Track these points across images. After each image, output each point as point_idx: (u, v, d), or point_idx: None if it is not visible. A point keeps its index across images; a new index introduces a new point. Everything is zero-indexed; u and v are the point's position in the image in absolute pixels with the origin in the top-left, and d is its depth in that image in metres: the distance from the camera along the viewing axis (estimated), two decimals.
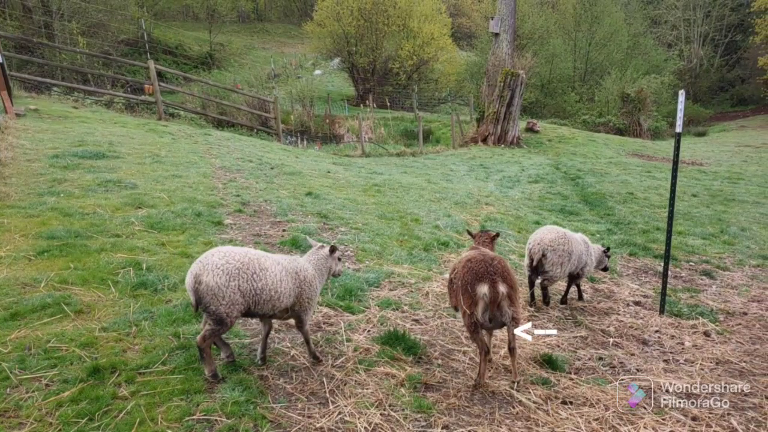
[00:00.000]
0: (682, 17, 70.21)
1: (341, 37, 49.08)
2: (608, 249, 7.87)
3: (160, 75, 24.76)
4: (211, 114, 25.39)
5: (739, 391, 5.11)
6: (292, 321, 4.96)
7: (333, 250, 4.92)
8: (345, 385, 4.56)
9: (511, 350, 4.89)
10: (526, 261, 7.05)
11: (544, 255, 6.76)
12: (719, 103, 70.83)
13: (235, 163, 12.91)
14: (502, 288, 4.61)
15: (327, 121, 35.82)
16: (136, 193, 8.75)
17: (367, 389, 4.52)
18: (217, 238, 7.44)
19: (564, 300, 7.44)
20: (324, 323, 5.65)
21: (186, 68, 47.72)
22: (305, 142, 29.34)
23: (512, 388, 4.83)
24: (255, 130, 24.93)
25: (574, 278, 7.35)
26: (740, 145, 36.14)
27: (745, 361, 5.87)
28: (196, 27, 61.91)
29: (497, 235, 5.91)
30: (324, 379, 4.60)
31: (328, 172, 14.43)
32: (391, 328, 5.63)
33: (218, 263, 4.12)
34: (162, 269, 6.15)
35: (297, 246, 7.48)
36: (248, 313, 4.35)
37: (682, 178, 20.00)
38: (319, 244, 5.00)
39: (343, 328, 5.47)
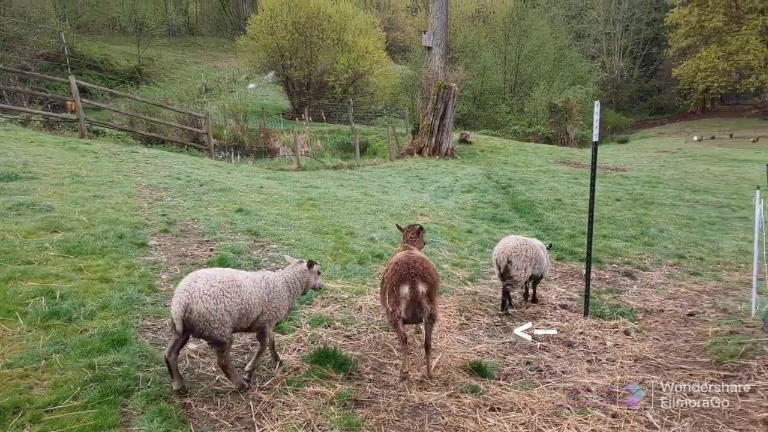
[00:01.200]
0: (603, 31, 73.57)
1: (275, 51, 48.79)
2: (550, 246, 8.54)
3: (84, 91, 23.91)
4: (140, 131, 24.67)
5: (655, 385, 5.35)
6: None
7: (311, 264, 5.15)
8: (272, 407, 4.49)
9: (427, 348, 5.36)
10: (495, 269, 7.55)
11: (509, 261, 7.28)
12: (639, 112, 74.47)
13: (162, 181, 12.56)
14: (421, 287, 5.10)
15: (261, 135, 35.45)
16: (51, 216, 8.29)
17: (295, 410, 4.47)
18: (140, 260, 7.19)
19: (534, 299, 8.10)
20: (252, 345, 5.56)
21: (113, 83, 46.27)
22: (239, 157, 28.92)
23: (425, 379, 5.26)
24: (186, 147, 24.38)
25: (537, 280, 8.06)
26: (658, 151, 38.03)
27: (660, 357, 6.16)
28: (123, 41, 60.11)
29: (421, 228, 6.44)
30: (251, 403, 4.51)
31: (261, 187, 14.25)
32: (322, 346, 5.60)
33: (204, 289, 4.27)
34: (78, 296, 5.83)
35: (225, 266, 7.30)
36: (233, 329, 4.55)
37: (607, 183, 20.85)
38: (297, 260, 5.23)
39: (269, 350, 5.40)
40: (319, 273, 5.28)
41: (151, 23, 58.77)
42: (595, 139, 7.28)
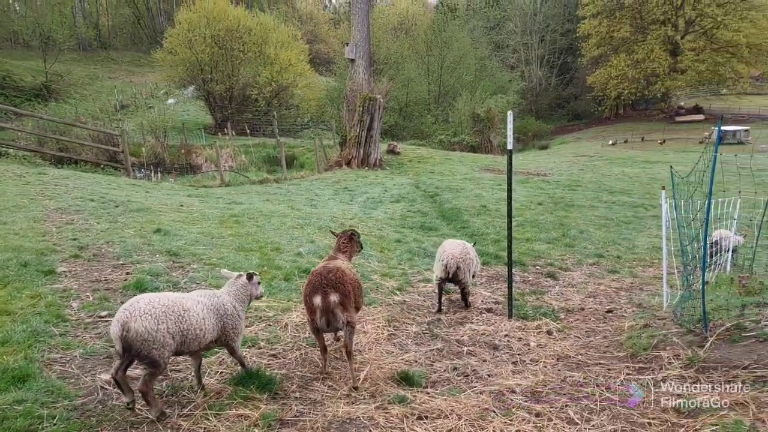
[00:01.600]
0: (521, 41, 76.39)
1: (195, 65, 47.76)
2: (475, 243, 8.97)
3: None
4: (49, 151, 23.46)
5: (575, 382, 5.51)
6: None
7: (250, 276, 5.20)
8: None
9: (348, 354, 5.44)
10: (439, 274, 7.86)
11: (458, 267, 7.77)
12: (558, 119, 77.63)
13: (73, 203, 11.94)
14: (333, 297, 5.26)
15: (183, 151, 34.51)
16: None
17: None
18: (47, 289, 6.76)
19: (467, 300, 8.31)
20: (171, 370, 5.33)
21: (17, 101, 43.90)
22: (159, 175, 28.00)
23: (351, 393, 5.23)
24: (101, 166, 23.36)
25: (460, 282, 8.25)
26: (577, 156, 39.64)
27: (581, 354, 6.36)
28: (27, 56, 57.21)
29: (353, 234, 6.55)
30: None
31: (181, 205, 13.81)
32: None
33: (145, 309, 4.28)
34: None
35: (142, 289, 7.01)
36: (177, 353, 4.56)
37: (529, 188, 21.52)
38: (236, 274, 5.25)
39: (192, 373, 5.19)
40: (259, 283, 5.35)
41: (58, 37, 56.22)
42: (510, 147, 7.48)
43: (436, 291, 8.10)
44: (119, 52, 78.72)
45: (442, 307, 8.03)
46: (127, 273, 7.67)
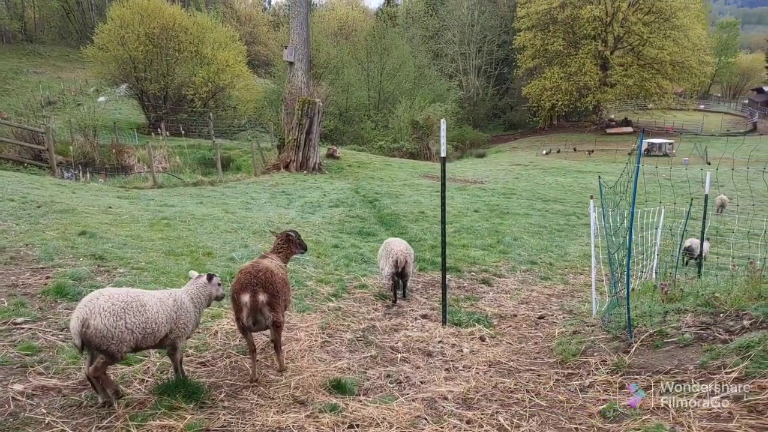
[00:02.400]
0: (459, 51, 77.78)
1: (128, 62, 46.19)
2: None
3: None
4: None
5: (506, 388, 5.58)
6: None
7: (210, 277, 5.24)
8: None
9: (276, 348, 5.75)
10: (391, 270, 8.49)
11: (407, 262, 8.50)
12: (495, 128, 79.46)
13: None
14: (261, 297, 5.33)
15: (114, 151, 33.22)
16: None
17: None
18: None
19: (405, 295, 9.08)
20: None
21: None
22: (88, 176, 26.81)
23: (280, 379, 5.53)
24: (24, 165, 22.21)
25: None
26: (513, 164, 40.65)
27: (512, 360, 6.46)
28: None
29: (289, 234, 6.58)
30: None
31: (110, 207, 13.24)
32: (171, 376, 5.23)
33: (104, 305, 4.31)
34: None
35: (63, 295, 6.64)
36: (136, 348, 4.61)
37: (466, 195, 21.86)
38: (198, 274, 5.30)
39: (118, 379, 4.94)
40: (219, 284, 5.35)
41: None
42: (443, 154, 7.54)
43: (390, 285, 8.84)
44: (46, 46, 75.14)
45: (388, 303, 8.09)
46: (47, 277, 7.25)
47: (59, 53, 72.49)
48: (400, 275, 8.61)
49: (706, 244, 11.49)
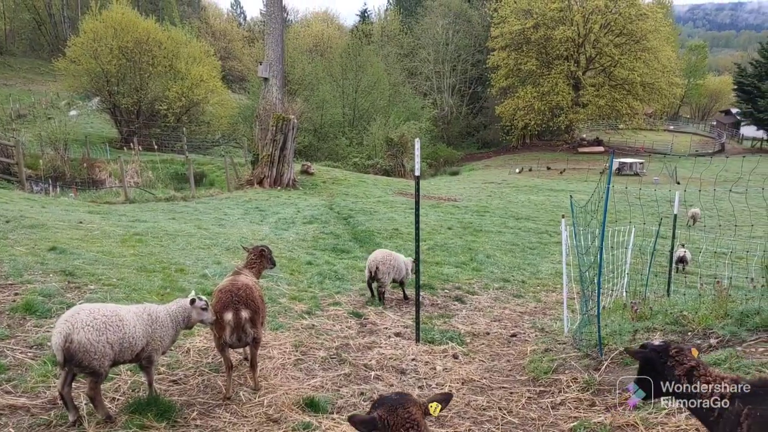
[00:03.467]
0: (433, 70, 78.56)
1: (100, 76, 45.66)
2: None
3: None
4: None
5: (479, 406, 5.63)
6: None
7: (193, 301, 5.19)
8: None
9: (253, 366, 5.79)
10: (366, 274, 9.74)
11: (377, 268, 9.42)
12: (468, 146, 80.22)
13: None
14: (244, 314, 5.39)
15: (85, 165, 32.73)
16: None
17: None
18: None
19: (405, 296, 10.30)
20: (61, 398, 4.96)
21: None
22: (58, 190, 26.37)
23: (253, 398, 5.53)
24: None
25: (401, 283, 10.29)
26: (486, 182, 41.06)
27: (485, 378, 6.52)
28: None
29: (263, 250, 6.67)
30: None
31: (80, 222, 13.04)
32: (143, 394, 5.16)
33: (86, 320, 4.35)
34: None
35: (32, 312, 6.51)
36: (114, 363, 4.65)
37: (440, 213, 22.01)
38: (194, 296, 5.25)
39: (84, 402, 4.84)
40: (204, 309, 5.26)
41: None
42: (417, 173, 7.63)
43: (367, 286, 9.96)
44: (17, 58, 73.99)
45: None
46: (16, 294, 7.10)
47: (30, 65, 71.40)
48: (374, 280, 9.63)
49: (688, 254, 14.50)
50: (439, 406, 2.84)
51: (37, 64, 70.70)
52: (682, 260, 14.31)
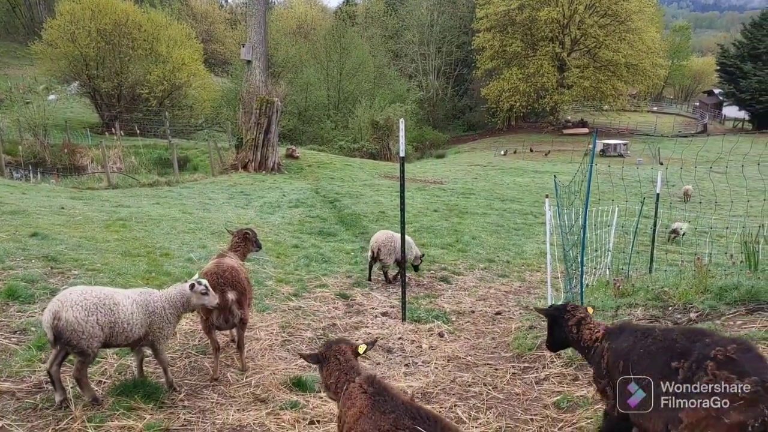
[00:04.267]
0: (418, 51, 78.01)
1: (79, 60, 44.81)
2: (424, 260, 10.69)
3: None
4: None
5: (464, 382, 5.71)
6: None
7: (192, 286, 5.11)
8: None
9: (240, 347, 5.84)
10: (368, 255, 9.96)
11: (379, 249, 9.65)
12: (454, 128, 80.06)
13: None
14: (230, 295, 5.46)
15: (66, 151, 32.31)
16: None
17: None
18: None
19: (395, 278, 10.03)
20: (47, 382, 4.93)
21: None
22: (39, 176, 26.06)
23: (241, 378, 5.59)
24: None
25: (399, 264, 9.55)
26: (471, 165, 41.12)
27: (470, 355, 6.60)
28: None
29: (247, 233, 6.81)
30: None
31: (62, 208, 12.92)
32: (130, 376, 5.17)
33: (76, 300, 4.43)
34: None
35: (15, 297, 6.46)
36: (105, 345, 4.68)
37: (426, 195, 22.05)
38: (196, 281, 5.16)
39: (70, 385, 4.84)
40: (204, 293, 5.15)
41: None
42: (402, 154, 7.65)
43: (368, 267, 10.15)
44: None
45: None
46: None
47: (5, 49, 69.84)
48: (376, 260, 9.84)
49: (685, 225, 15.52)
50: (366, 347, 3.74)
51: (13, 47, 69.13)
52: (675, 231, 15.39)
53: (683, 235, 15.43)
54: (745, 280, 6.54)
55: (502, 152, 53.96)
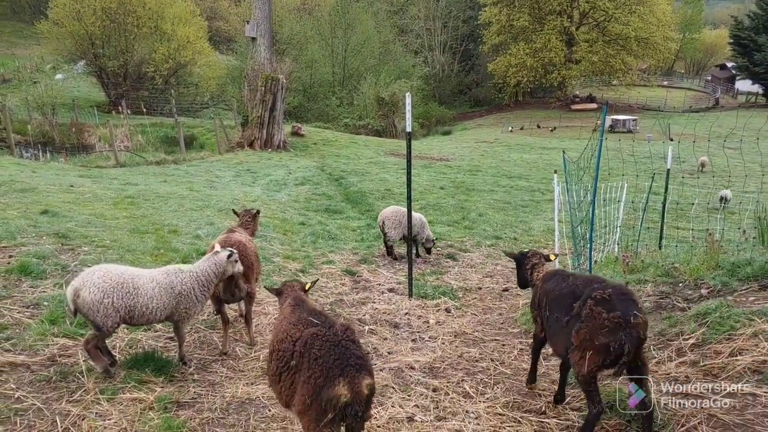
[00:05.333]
0: (424, 27, 77.10)
1: (84, 38, 44.68)
2: (436, 239, 10.71)
3: None
4: None
5: (472, 357, 5.74)
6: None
7: (230, 255, 5.26)
8: (83, 419, 4.09)
9: (247, 321, 5.93)
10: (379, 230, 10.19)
11: (383, 222, 9.82)
12: (460, 105, 79.40)
13: None
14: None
15: (74, 129, 32.34)
16: None
17: (109, 420, 4.12)
18: None
19: (417, 254, 10.16)
20: (60, 355, 5.00)
21: None
22: (48, 155, 26.13)
23: (249, 352, 5.67)
24: None
25: (415, 240, 9.78)
26: (478, 141, 40.89)
27: (478, 331, 6.62)
28: None
29: (258, 212, 7.06)
30: (57, 418, 4.07)
31: (72, 186, 12.97)
32: (140, 350, 5.23)
33: (96, 281, 4.59)
34: None
35: (27, 273, 6.52)
36: (126, 323, 4.86)
37: (432, 173, 21.98)
38: (219, 248, 5.35)
39: (82, 359, 4.89)
40: (236, 261, 5.34)
41: None
42: (408, 129, 7.59)
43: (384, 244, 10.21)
44: None
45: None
46: (10, 256, 7.10)
47: (12, 29, 69.70)
48: (384, 235, 9.96)
49: (730, 192, 16.44)
50: (309, 284, 4.59)
51: (19, 27, 68.98)
52: (723, 198, 16.15)
53: (729, 201, 16.01)
54: (759, 256, 6.47)
55: (509, 129, 53.59)
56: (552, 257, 5.35)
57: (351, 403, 3.13)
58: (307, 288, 4.49)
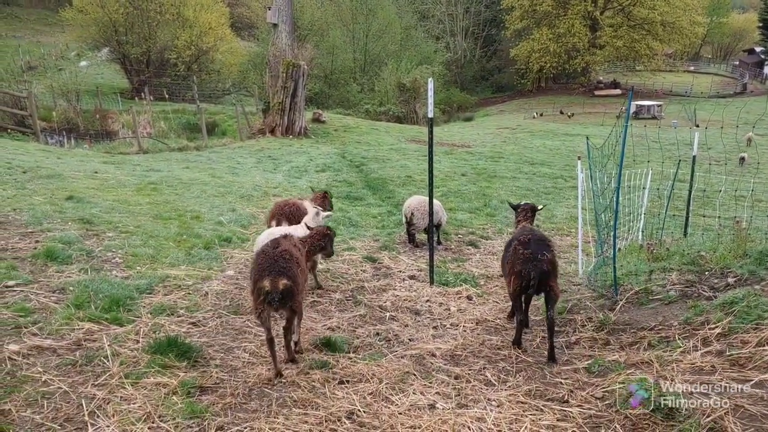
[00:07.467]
0: (446, 12, 76.38)
1: (108, 25, 45.10)
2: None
3: None
4: None
5: (493, 345, 5.71)
6: None
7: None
8: (108, 403, 4.15)
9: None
10: (403, 219, 10.15)
11: (412, 214, 9.78)
12: (482, 91, 78.70)
13: None
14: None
15: (97, 116, 32.70)
16: None
17: (134, 404, 4.17)
18: None
19: (439, 241, 10.26)
20: (85, 340, 5.08)
21: None
22: (72, 141, 26.47)
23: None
24: (8, 131, 21.84)
25: (437, 227, 9.96)
26: (500, 128, 40.52)
27: (499, 318, 6.58)
28: None
29: (326, 192, 8.64)
30: (83, 401, 4.13)
31: (96, 172, 13.13)
32: (164, 335, 5.28)
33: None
34: None
35: (53, 258, 6.62)
36: None
37: (453, 159, 21.85)
38: (319, 210, 6.24)
39: (107, 343, 4.97)
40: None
41: None
42: (430, 114, 7.52)
43: (407, 233, 10.19)
44: (24, 9, 73.04)
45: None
46: (37, 241, 7.22)
47: (37, 16, 70.55)
48: (410, 224, 9.96)
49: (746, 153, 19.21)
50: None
51: (45, 14, 69.80)
52: (742, 159, 18.44)
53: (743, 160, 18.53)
54: None
55: (533, 115, 52.96)
56: (539, 207, 6.87)
57: (270, 292, 4.59)
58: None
